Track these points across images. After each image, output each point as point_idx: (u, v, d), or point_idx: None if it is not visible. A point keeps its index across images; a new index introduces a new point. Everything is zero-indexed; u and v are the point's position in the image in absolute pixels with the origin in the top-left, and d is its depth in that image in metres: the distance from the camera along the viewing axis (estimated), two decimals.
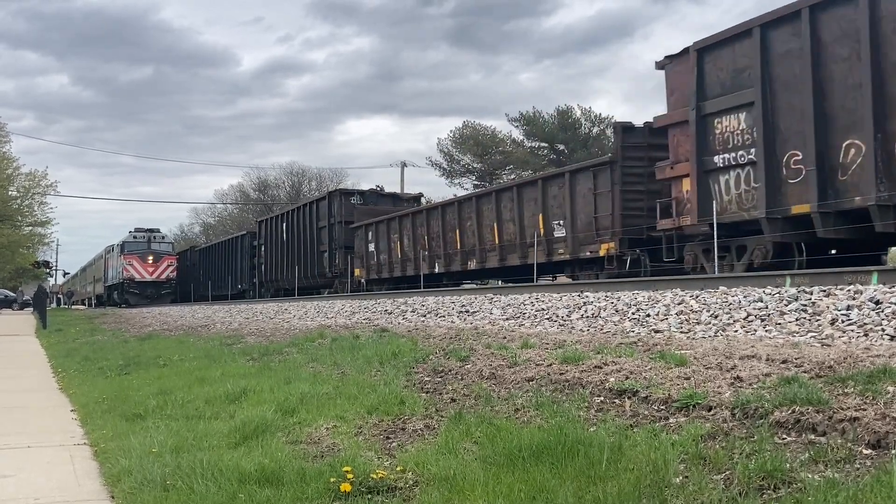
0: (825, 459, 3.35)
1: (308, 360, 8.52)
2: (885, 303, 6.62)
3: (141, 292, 46.84)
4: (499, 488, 3.64)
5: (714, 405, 4.23)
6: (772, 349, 5.50)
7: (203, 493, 4.05)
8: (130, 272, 46.79)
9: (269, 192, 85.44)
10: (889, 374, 4.19)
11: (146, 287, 47.14)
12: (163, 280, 47.78)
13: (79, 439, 6.16)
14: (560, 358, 6.07)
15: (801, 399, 3.92)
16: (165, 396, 7.33)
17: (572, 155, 53.52)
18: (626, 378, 5.10)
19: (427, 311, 12.77)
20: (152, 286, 47.29)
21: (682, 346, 6.21)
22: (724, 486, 3.29)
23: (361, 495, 3.86)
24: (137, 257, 47.09)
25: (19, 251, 52.90)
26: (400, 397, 5.76)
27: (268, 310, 20.73)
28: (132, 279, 46.89)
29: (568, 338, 7.56)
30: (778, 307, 7.31)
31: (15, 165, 48.21)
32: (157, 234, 49.35)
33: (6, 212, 46.98)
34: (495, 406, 5.19)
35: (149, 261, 47.12)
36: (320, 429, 5.20)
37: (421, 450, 4.47)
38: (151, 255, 47.44)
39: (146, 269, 47.04)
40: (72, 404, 8.14)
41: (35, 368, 12.55)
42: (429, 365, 6.91)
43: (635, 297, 9.45)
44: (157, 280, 47.39)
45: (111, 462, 5.06)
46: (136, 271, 46.91)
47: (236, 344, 12.12)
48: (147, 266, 47.04)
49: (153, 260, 47.37)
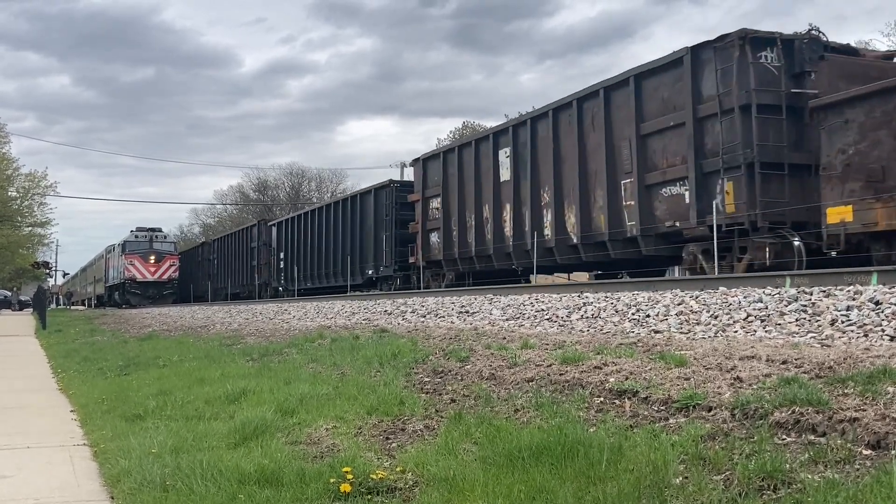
0: (825, 460, 3.34)
1: (308, 361, 8.51)
2: (884, 303, 6.62)
3: (143, 292, 46.26)
4: (498, 489, 3.64)
5: (714, 406, 4.23)
6: (772, 350, 5.49)
7: (203, 493, 4.05)
8: (132, 272, 46.21)
9: (268, 193, 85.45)
10: (889, 374, 4.18)
11: (148, 287, 46.55)
12: (165, 280, 47.12)
13: (78, 440, 6.16)
14: (560, 358, 6.06)
15: (801, 399, 3.92)
16: (165, 397, 7.33)
17: None
18: (626, 378, 5.10)
19: (427, 312, 12.77)
20: (154, 286, 46.69)
21: (681, 346, 6.21)
22: (723, 487, 3.29)
23: (361, 496, 3.86)
24: (139, 257, 46.46)
25: (19, 252, 52.91)
26: (400, 398, 5.76)
27: (267, 310, 20.73)
28: (134, 279, 46.33)
29: (568, 338, 7.56)
30: (778, 308, 7.31)
31: (15, 166, 48.24)
32: (159, 233, 48.71)
33: (6, 212, 46.93)
34: (495, 406, 5.19)
35: (151, 260, 46.53)
36: (320, 429, 5.20)
37: (421, 450, 4.47)
38: (153, 255, 46.81)
39: (148, 268, 46.45)
40: (71, 405, 8.14)
41: (35, 369, 12.55)
42: (428, 365, 6.91)
43: (635, 297, 9.45)
44: (158, 280, 46.72)
45: (111, 462, 5.05)
46: (137, 271, 46.31)
47: (236, 344, 12.12)
48: (149, 266, 46.44)
49: (155, 260, 46.75)
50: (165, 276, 47.16)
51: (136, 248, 46.94)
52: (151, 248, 47.11)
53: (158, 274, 46.74)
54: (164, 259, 47.35)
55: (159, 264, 46.89)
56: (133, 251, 46.74)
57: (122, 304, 46.57)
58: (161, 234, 49.06)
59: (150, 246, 47.19)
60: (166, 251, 48.15)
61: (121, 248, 48.21)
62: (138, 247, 46.94)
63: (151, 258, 46.67)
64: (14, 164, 48.17)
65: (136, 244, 47.15)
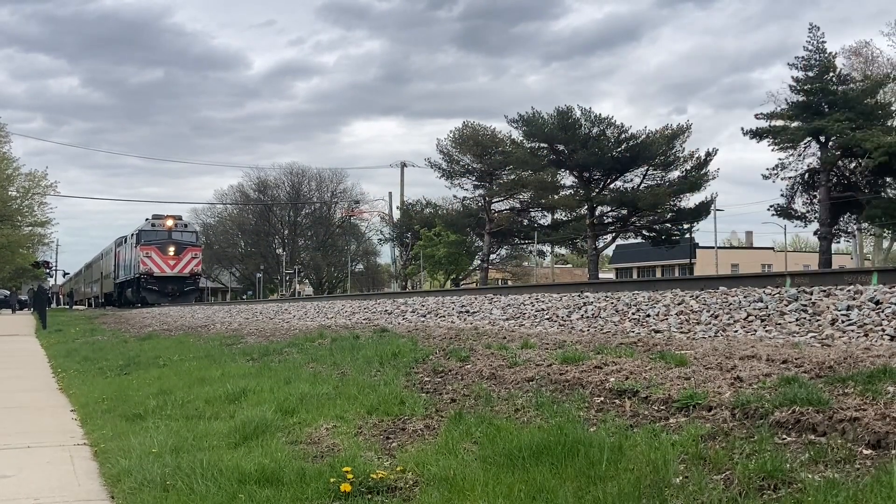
0: (825, 460, 3.34)
1: (308, 361, 8.51)
2: (885, 303, 6.62)
3: (160, 289, 39.74)
4: (499, 488, 3.64)
5: (714, 405, 4.23)
6: (772, 349, 5.49)
7: (203, 493, 4.05)
8: (148, 265, 39.83)
9: (268, 193, 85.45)
10: (889, 374, 4.18)
11: (166, 283, 39.98)
12: (186, 275, 40.87)
13: (79, 439, 6.15)
14: (560, 358, 6.06)
15: (802, 399, 3.92)
16: (165, 396, 7.33)
17: (572, 155, 53.56)
18: (626, 378, 5.10)
19: (427, 312, 12.77)
20: (174, 282, 40.23)
21: (682, 346, 6.21)
22: (724, 487, 3.29)
23: (361, 495, 3.86)
24: (156, 248, 40.05)
25: (19, 251, 52.88)
26: (400, 397, 5.76)
27: (268, 310, 20.73)
28: (150, 274, 39.79)
29: (568, 338, 7.56)
30: (778, 307, 7.31)
31: (15, 166, 48.31)
32: (178, 221, 42.64)
33: (6, 212, 46.89)
34: (495, 406, 5.19)
35: (170, 252, 40.23)
36: (320, 429, 5.20)
37: (421, 450, 4.47)
38: (173, 246, 40.39)
39: (166, 261, 40.13)
40: (72, 404, 8.14)
41: (35, 368, 12.55)
42: (429, 365, 6.91)
43: (635, 297, 9.45)
44: (179, 275, 40.39)
45: (111, 462, 5.05)
46: (154, 264, 39.90)
47: (236, 344, 12.11)
48: (168, 258, 40.15)
49: (175, 251, 40.40)
50: (186, 269, 40.92)
51: (152, 238, 40.40)
52: (170, 239, 40.68)
53: (179, 268, 40.47)
54: (186, 251, 41.00)
55: (179, 257, 40.58)
56: (150, 242, 40.19)
57: (136, 304, 40.71)
58: (181, 223, 42.93)
59: (169, 236, 40.76)
60: (187, 242, 41.65)
61: (135, 238, 41.41)
62: (156, 237, 40.47)
63: (171, 249, 40.30)
64: (14, 164, 48.25)
65: (153, 234, 40.65)
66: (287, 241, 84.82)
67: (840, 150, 42.46)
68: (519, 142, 57.81)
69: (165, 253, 40.30)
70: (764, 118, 46.19)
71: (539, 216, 63.91)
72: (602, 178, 55.49)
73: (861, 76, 46.15)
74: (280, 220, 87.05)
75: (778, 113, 45.80)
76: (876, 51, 49.73)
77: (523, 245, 68.24)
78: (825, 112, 43.16)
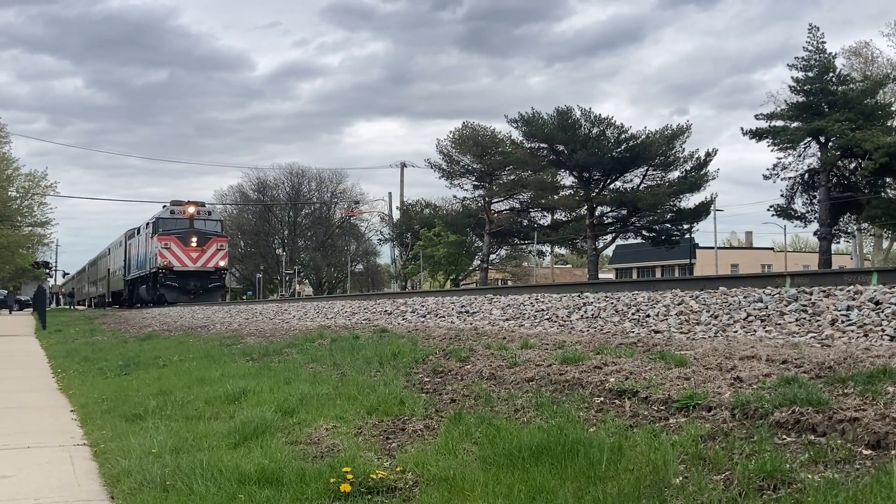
0: (825, 460, 3.34)
1: (308, 361, 8.51)
2: (885, 303, 6.61)
3: (181, 286, 34.63)
4: (499, 489, 3.64)
5: (714, 406, 4.23)
6: (772, 349, 5.49)
7: (203, 493, 4.05)
8: (167, 258, 34.38)
9: (268, 193, 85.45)
10: (889, 374, 4.18)
11: (188, 279, 34.77)
12: (210, 269, 35.51)
13: (78, 439, 6.15)
14: (560, 358, 6.06)
15: (801, 399, 3.92)
16: (165, 397, 7.32)
17: (572, 155, 53.56)
18: (626, 378, 5.10)
19: (427, 312, 12.77)
20: (197, 277, 35.01)
21: (681, 346, 6.21)
22: (723, 487, 3.29)
23: (361, 496, 3.86)
24: (177, 239, 34.68)
25: (19, 252, 52.90)
26: (400, 398, 5.76)
27: (267, 310, 20.73)
28: (169, 268, 34.43)
29: (568, 338, 7.56)
30: (778, 307, 7.31)
31: (15, 166, 48.33)
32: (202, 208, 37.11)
33: (6, 212, 46.90)
34: (495, 406, 5.19)
35: (192, 243, 34.84)
36: (320, 429, 5.20)
37: (421, 450, 4.47)
38: (196, 237, 35.01)
39: (188, 254, 34.81)
40: (71, 404, 8.14)
41: (34, 368, 12.54)
42: (429, 365, 6.91)
43: (635, 297, 9.45)
44: (203, 269, 35.11)
45: (111, 462, 5.05)
46: (175, 257, 34.52)
47: (236, 344, 12.11)
48: (190, 251, 34.79)
49: (198, 243, 35.02)
50: (211, 263, 35.50)
51: (172, 227, 34.99)
52: (193, 228, 35.36)
53: (203, 261, 35.14)
54: (210, 241, 35.56)
55: (203, 249, 35.20)
56: (168, 231, 34.76)
57: (151, 302, 36.08)
58: (204, 211, 37.21)
59: (191, 225, 35.43)
60: (212, 232, 36.23)
61: (151, 227, 36.05)
62: (175, 226, 35.06)
63: (193, 240, 34.89)
64: (14, 164, 48.28)
65: (173, 222, 35.22)
66: (287, 241, 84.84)
67: (840, 150, 42.46)
68: (519, 142, 57.80)
69: (187, 244, 34.87)
70: (764, 118, 46.23)
71: (539, 216, 63.97)
72: (602, 179, 55.50)
73: (861, 76, 46.19)
74: (280, 221, 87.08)
75: (778, 113, 45.82)
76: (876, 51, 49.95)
77: (523, 245, 68.27)
78: (825, 112, 43.17)
